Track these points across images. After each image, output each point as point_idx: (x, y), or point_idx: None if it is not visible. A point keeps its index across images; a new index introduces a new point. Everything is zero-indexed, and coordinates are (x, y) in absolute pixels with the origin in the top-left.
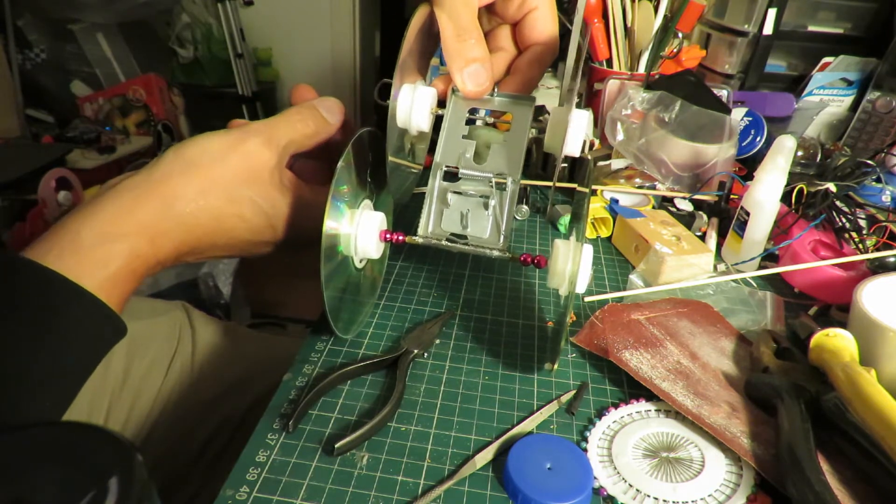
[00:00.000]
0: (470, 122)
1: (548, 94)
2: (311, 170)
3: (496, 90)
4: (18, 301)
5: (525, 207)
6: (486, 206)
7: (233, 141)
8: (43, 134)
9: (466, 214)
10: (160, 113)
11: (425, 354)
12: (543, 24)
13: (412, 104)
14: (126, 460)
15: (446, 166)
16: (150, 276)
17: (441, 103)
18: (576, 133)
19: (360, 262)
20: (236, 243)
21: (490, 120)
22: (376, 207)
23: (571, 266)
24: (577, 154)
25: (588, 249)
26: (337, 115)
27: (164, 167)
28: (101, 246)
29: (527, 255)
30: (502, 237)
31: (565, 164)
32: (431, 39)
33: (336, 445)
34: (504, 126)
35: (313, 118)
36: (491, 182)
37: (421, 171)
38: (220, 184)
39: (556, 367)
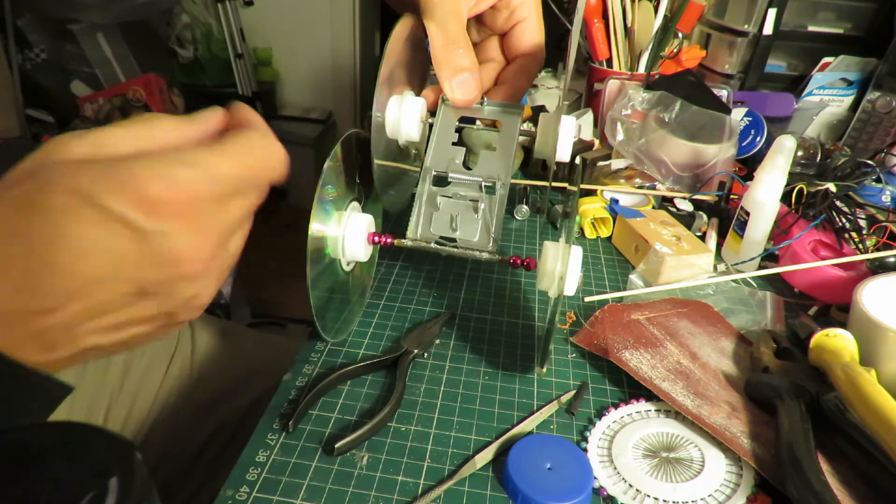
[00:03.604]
0: (459, 129)
1: (548, 94)
2: None
3: (485, 99)
4: None
5: (525, 207)
6: (475, 210)
7: None
8: (43, 134)
9: (456, 217)
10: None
11: (425, 354)
12: (531, 35)
13: (400, 115)
14: (126, 460)
15: (436, 171)
16: None
17: (432, 113)
18: (566, 140)
19: (348, 264)
20: None
21: (480, 125)
22: (364, 210)
23: (560, 268)
24: (567, 160)
25: (577, 251)
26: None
27: None
28: None
29: (516, 258)
30: (492, 240)
31: (555, 169)
32: (420, 51)
33: (336, 445)
34: None
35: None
36: (481, 186)
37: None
38: None
39: (545, 370)
